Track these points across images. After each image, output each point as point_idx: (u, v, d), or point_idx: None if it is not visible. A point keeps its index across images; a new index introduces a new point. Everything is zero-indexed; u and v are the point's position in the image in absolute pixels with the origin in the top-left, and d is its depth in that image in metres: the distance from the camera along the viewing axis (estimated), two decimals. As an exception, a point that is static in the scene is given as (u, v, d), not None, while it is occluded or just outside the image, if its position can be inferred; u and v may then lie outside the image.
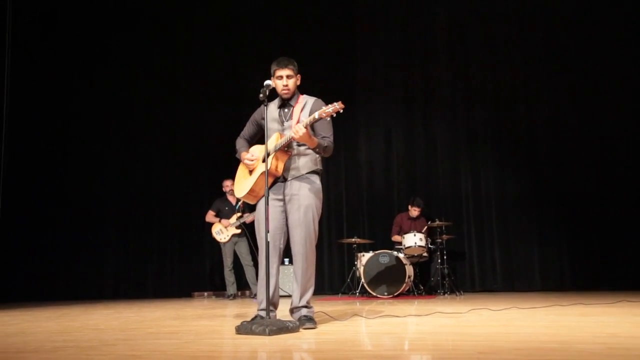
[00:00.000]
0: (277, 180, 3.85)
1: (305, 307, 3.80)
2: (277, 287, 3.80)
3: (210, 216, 8.49)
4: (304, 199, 3.82)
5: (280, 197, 3.85)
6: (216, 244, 8.58)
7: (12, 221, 9.71)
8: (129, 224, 9.69)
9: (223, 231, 8.38)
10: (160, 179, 9.73)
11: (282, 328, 3.33)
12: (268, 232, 3.54)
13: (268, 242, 3.53)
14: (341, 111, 3.56)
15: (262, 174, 3.79)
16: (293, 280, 3.87)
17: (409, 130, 9.09)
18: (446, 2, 9.14)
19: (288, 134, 3.74)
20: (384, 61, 9.24)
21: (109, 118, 10.03)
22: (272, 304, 3.71)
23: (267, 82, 3.77)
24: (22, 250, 9.66)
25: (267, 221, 3.54)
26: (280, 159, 3.82)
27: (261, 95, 3.69)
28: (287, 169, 3.86)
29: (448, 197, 8.77)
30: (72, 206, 9.80)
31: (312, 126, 3.84)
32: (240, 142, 4.17)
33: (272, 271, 3.77)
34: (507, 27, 8.87)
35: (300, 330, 3.49)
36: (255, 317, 3.73)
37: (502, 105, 8.72)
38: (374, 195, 9.04)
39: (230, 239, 8.36)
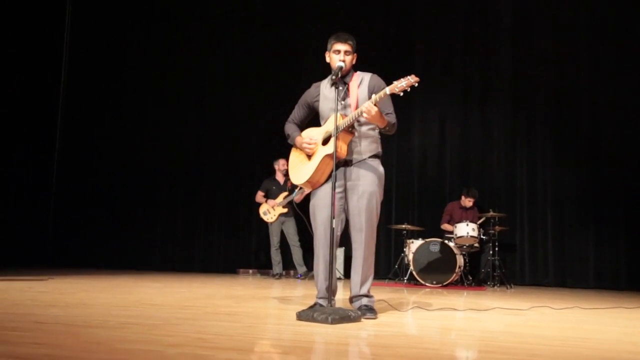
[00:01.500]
0: (338, 164, 3.65)
1: (366, 296, 3.70)
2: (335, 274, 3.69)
3: (259, 197, 8.46)
4: (367, 185, 3.68)
5: (341, 182, 3.69)
6: (263, 222, 8.57)
7: (67, 191, 9.98)
8: (179, 198, 9.81)
9: (270, 211, 8.35)
10: (211, 155, 9.77)
11: (345, 317, 3.24)
12: (334, 217, 3.43)
13: (333, 228, 3.42)
14: (416, 85, 3.37)
15: (325, 156, 3.61)
16: (352, 268, 3.76)
17: (465, 118, 8.85)
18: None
19: (354, 112, 3.54)
20: (444, 46, 8.99)
21: (162, 93, 10.10)
22: (329, 291, 3.60)
23: (339, 63, 3.61)
24: (75, 219, 9.92)
25: (334, 207, 3.43)
26: (344, 140, 3.62)
27: (333, 77, 3.56)
28: (350, 152, 3.69)
29: (502, 189, 8.54)
30: (125, 178, 9.96)
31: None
32: (291, 127, 3.97)
33: (328, 258, 3.66)
34: (574, 17, 8.50)
35: (362, 320, 3.40)
36: (315, 304, 3.65)
37: (565, 98, 8.39)
38: (425, 182, 8.87)
39: (277, 218, 8.33)
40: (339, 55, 3.67)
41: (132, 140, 10.09)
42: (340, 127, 3.56)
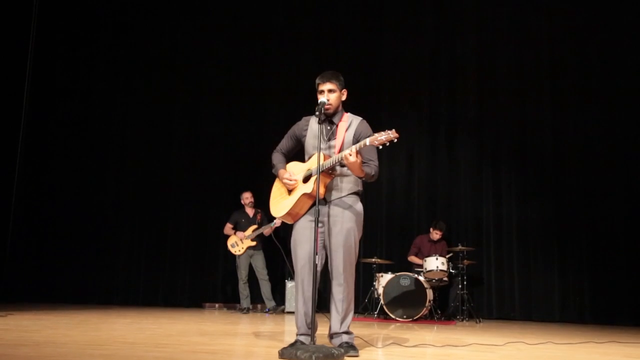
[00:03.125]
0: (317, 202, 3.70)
1: (346, 333, 3.67)
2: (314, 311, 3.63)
3: (227, 229, 8.36)
4: (345, 222, 3.68)
5: (322, 218, 3.69)
6: (230, 255, 8.46)
7: (24, 222, 9.62)
8: (143, 231, 9.61)
9: (238, 243, 8.26)
10: (178, 187, 9.63)
11: (328, 355, 3.20)
12: (317, 254, 3.41)
13: (316, 264, 3.40)
14: (395, 141, 3.45)
15: (303, 195, 3.66)
16: (332, 305, 3.73)
17: (432, 151, 8.95)
18: (476, 24, 9.04)
19: (336, 156, 3.58)
20: (411, 81, 9.14)
21: (127, 122, 9.98)
22: (311, 328, 3.56)
23: (322, 99, 3.65)
24: (32, 252, 9.59)
25: (317, 243, 3.42)
26: (323, 181, 3.67)
27: (317, 113, 3.58)
28: (328, 190, 3.72)
29: (469, 222, 8.62)
30: (86, 210, 9.72)
31: None
32: (277, 157, 3.98)
33: (309, 295, 3.63)
34: (536, 51, 8.73)
35: (345, 358, 3.36)
36: (296, 342, 3.59)
37: (529, 132, 8.58)
38: (393, 216, 8.89)
39: (245, 251, 8.24)
40: (323, 95, 3.72)
41: (94, 170, 9.87)
42: (323, 168, 3.59)
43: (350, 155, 3.46)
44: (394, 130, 3.43)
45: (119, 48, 10.22)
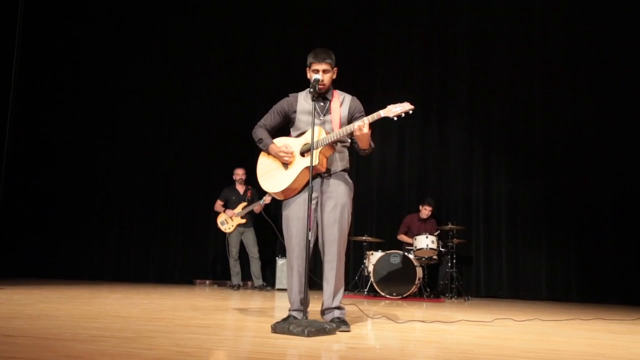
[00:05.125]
0: (315, 176, 3.70)
1: (338, 308, 3.71)
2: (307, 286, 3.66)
3: (218, 206, 8.36)
4: (340, 197, 3.71)
5: (315, 193, 3.69)
6: (221, 233, 8.46)
7: (15, 198, 9.54)
8: (135, 208, 9.60)
9: (228, 221, 8.25)
10: (168, 164, 9.60)
11: (320, 330, 3.25)
12: (310, 230, 3.44)
13: (309, 240, 3.43)
14: (410, 112, 3.49)
15: (305, 168, 3.61)
16: (325, 280, 3.76)
17: (423, 130, 8.99)
18: (469, 5, 9.03)
19: (345, 127, 3.59)
20: (404, 60, 9.12)
21: (119, 102, 9.90)
22: (304, 304, 3.59)
23: (316, 76, 3.64)
24: (25, 226, 9.54)
25: (309, 219, 3.44)
26: (325, 154, 3.68)
27: (311, 89, 3.58)
28: (327, 165, 3.75)
29: (458, 201, 8.70)
30: (77, 185, 9.68)
31: (350, 123, 3.72)
32: (262, 132, 3.89)
33: (303, 270, 3.65)
34: (528, 33, 8.77)
35: (337, 332, 3.41)
36: (288, 317, 3.64)
37: (520, 113, 8.64)
38: (384, 194, 8.94)
39: (235, 228, 8.24)
40: (317, 75, 3.68)
41: (85, 146, 9.81)
42: (326, 141, 3.60)
43: (364, 126, 3.50)
44: (408, 102, 3.48)
45: (109, 27, 10.09)
